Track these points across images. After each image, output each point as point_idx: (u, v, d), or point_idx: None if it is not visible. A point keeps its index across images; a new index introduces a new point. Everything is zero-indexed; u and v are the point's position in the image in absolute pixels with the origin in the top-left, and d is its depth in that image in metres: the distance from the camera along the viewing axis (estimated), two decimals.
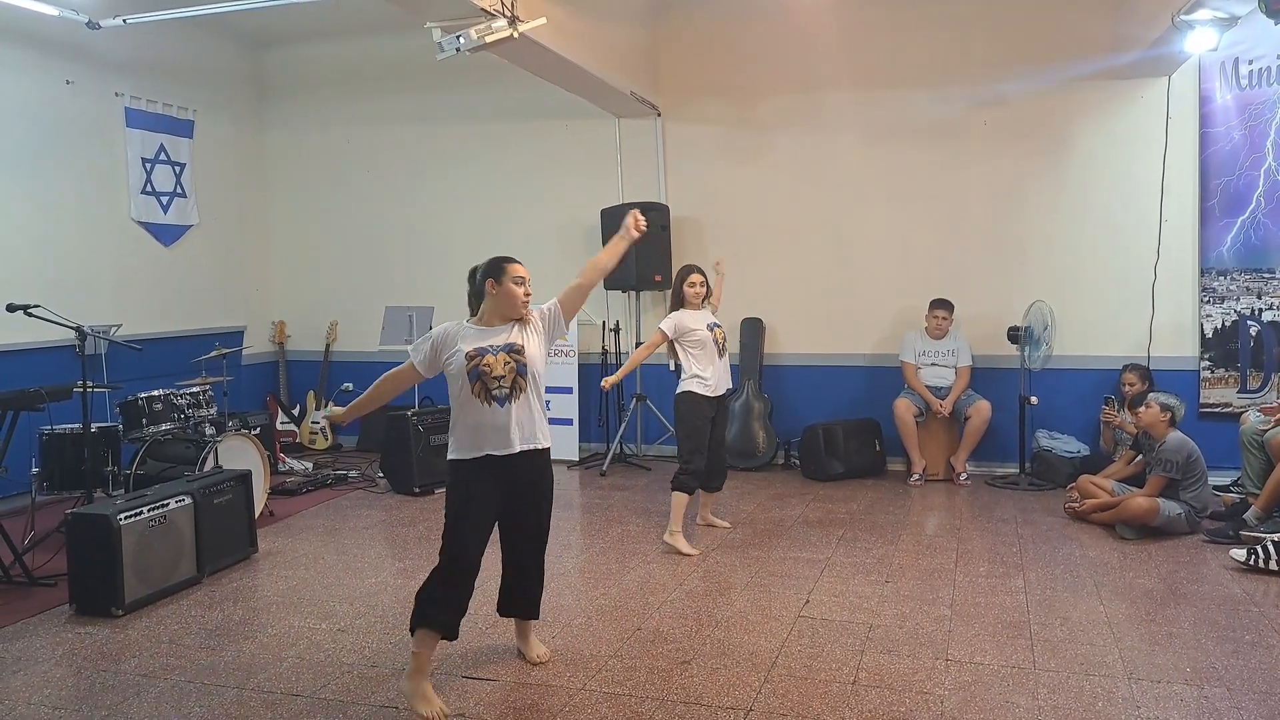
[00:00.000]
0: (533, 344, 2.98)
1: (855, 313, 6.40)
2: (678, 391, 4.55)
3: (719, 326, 4.59)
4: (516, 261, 3.01)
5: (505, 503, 2.97)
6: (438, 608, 2.90)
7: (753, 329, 6.52)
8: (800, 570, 4.17)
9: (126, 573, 3.70)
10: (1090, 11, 5.80)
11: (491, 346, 2.91)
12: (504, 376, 2.88)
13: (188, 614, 3.73)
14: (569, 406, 6.69)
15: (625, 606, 3.74)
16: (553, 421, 6.62)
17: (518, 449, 2.92)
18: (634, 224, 3.08)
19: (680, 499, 4.45)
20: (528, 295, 2.99)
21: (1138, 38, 5.40)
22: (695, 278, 4.58)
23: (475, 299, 3.05)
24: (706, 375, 4.47)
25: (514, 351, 2.92)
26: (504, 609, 3.23)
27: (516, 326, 2.99)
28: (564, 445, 6.65)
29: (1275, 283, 5.63)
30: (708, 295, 4.67)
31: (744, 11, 6.39)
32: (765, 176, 6.51)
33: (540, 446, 2.99)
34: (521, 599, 3.19)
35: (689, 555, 4.37)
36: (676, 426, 4.64)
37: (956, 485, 5.84)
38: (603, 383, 4.68)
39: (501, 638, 3.42)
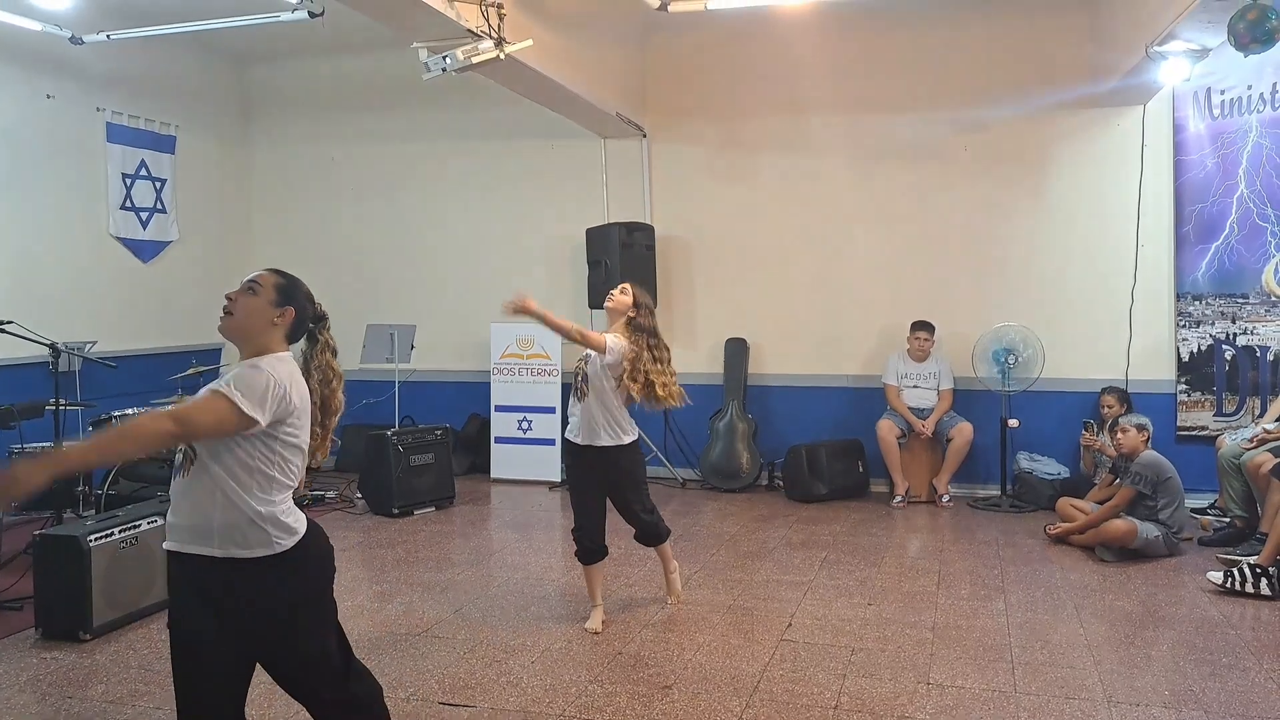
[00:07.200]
0: None
1: (839, 334, 6.43)
2: None
3: (583, 359, 3.71)
4: None
5: None
6: None
7: (737, 349, 6.53)
8: (783, 593, 4.15)
9: (95, 596, 3.61)
10: (1068, 41, 5.91)
11: None
12: None
13: (158, 638, 3.64)
14: (551, 426, 6.65)
15: (606, 630, 3.69)
16: (535, 441, 6.70)
17: None
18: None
19: (585, 571, 3.80)
20: None
21: (1114, 67, 5.51)
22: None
23: None
24: (572, 417, 3.77)
25: None
26: None
27: None
28: (546, 466, 6.60)
29: (1249, 307, 5.71)
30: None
31: (730, 34, 6.45)
32: (750, 198, 6.55)
33: None
34: None
35: (593, 632, 3.66)
36: None
37: (939, 507, 5.85)
38: None
39: (478, 662, 3.37)
